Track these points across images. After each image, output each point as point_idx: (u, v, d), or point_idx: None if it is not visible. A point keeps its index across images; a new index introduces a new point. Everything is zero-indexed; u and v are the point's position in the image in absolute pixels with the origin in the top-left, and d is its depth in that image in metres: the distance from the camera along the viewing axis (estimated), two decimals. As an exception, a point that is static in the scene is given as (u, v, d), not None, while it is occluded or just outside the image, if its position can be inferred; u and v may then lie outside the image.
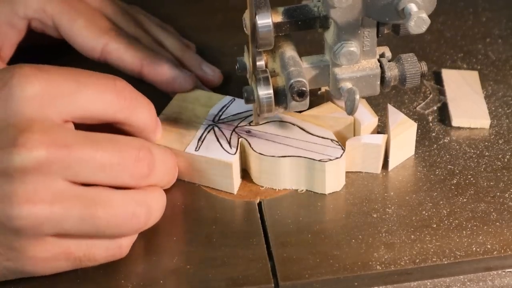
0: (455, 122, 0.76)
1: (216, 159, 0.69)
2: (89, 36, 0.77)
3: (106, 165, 0.61)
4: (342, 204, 0.69)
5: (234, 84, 0.80)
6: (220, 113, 0.73)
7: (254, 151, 0.69)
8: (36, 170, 0.58)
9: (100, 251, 0.62)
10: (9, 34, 0.78)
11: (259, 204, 0.69)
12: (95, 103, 0.62)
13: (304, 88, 0.66)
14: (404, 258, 0.64)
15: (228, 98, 0.75)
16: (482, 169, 0.72)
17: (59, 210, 0.59)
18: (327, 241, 0.66)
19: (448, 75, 0.81)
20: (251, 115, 0.73)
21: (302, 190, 0.70)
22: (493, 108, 0.78)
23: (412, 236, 0.66)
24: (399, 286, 0.64)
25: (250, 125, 0.72)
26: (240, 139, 0.70)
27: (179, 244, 0.66)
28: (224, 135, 0.71)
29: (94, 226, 0.60)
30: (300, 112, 0.72)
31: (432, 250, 0.65)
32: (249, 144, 0.70)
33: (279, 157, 0.68)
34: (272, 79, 0.68)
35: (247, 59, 0.70)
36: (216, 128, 0.71)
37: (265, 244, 0.66)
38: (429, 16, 0.62)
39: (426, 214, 0.68)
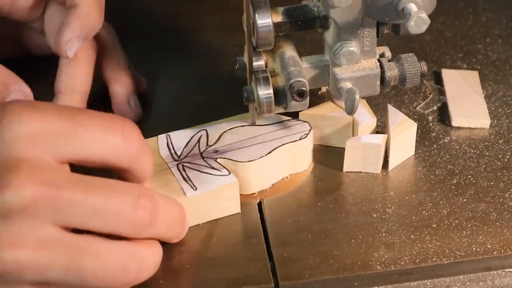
0: (455, 122, 0.76)
1: (222, 186, 0.66)
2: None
3: (100, 210, 0.56)
4: (342, 204, 0.69)
5: (234, 84, 0.80)
6: (173, 151, 0.70)
7: (241, 162, 0.68)
8: (22, 212, 0.54)
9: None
10: None
11: (259, 204, 0.69)
12: (97, 146, 0.57)
13: (304, 88, 0.66)
14: (404, 258, 0.64)
15: (162, 136, 0.71)
16: (482, 169, 0.72)
17: (43, 257, 0.55)
18: (327, 241, 0.66)
19: (448, 75, 0.81)
20: (200, 138, 0.70)
21: (287, 177, 0.70)
22: (493, 108, 0.78)
23: (412, 236, 0.66)
24: (399, 286, 0.64)
25: (209, 145, 0.70)
26: (218, 160, 0.68)
27: (179, 244, 0.66)
28: (200, 164, 0.68)
29: (79, 277, 0.56)
30: (299, 112, 0.72)
31: (432, 250, 0.64)
32: (230, 159, 0.68)
33: (267, 154, 0.68)
34: (272, 79, 0.68)
35: (247, 59, 0.70)
36: (186, 164, 0.68)
37: (265, 244, 0.66)
38: (429, 16, 0.62)
39: (426, 214, 0.68)
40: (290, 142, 0.69)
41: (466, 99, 0.78)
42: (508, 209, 0.68)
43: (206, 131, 0.71)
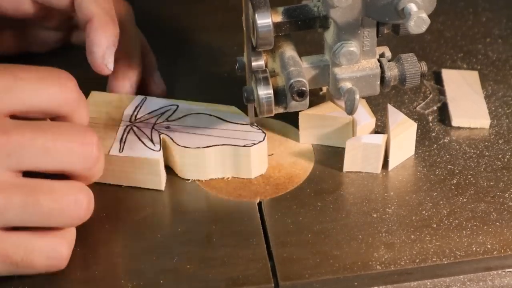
0: (455, 122, 0.76)
1: (142, 157, 0.69)
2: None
3: (51, 149, 0.60)
4: (342, 204, 0.69)
5: (234, 84, 0.80)
6: (136, 113, 0.73)
7: (178, 145, 0.69)
8: None
9: (40, 258, 0.61)
10: None
11: (259, 204, 0.69)
12: (36, 96, 0.61)
13: (304, 88, 0.66)
14: (404, 258, 0.64)
15: (139, 97, 0.74)
16: (482, 169, 0.72)
17: (0, 199, 0.58)
18: (327, 241, 0.66)
19: (448, 75, 0.81)
20: (167, 111, 0.73)
21: (228, 178, 0.70)
22: (493, 108, 0.78)
23: (412, 236, 0.66)
24: (399, 286, 0.64)
25: (168, 120, 0.72)
26: (161, 135, 0.70)
27: (179, 244, 0.66)
28: (145, 133, 0.71)
29: (37, 214, 0.60)
30: (299, 112, 0.72)
31: (432, 250, 0.64)
32: (171, 139, 0.70)
33: (204, 147, 0.69)
34: (272, 79, 0.68)
35: (246, 59, 0.70)
36: (135, 128, 0.71)
37: (265, 244, 0.66)
38: (429, 16, 0.62)
39: (426, 214, 0.68)
40: (232, 145, 0.69)
41: (466, 99, 0.78)
42: (508, 209, 0.68)
43: (178, 106, 0.73)
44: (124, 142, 0.70)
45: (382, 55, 0.70)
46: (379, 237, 0.66)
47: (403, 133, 0.71)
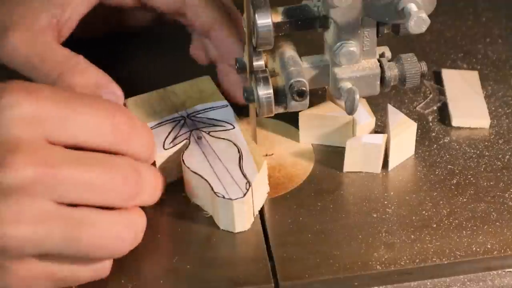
0: (455, 122, 0.76)
1: None
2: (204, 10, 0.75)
3: (94, 185, 0.59)
4: (342, 204, 0.69)
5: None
6: (201, 111, 0.73)
7: (182, 157, 0.69)
8: (22, 190, 0.57)
9: (84, 273, 0.61)
10: (79, 7, 0.74)
11: (259, 204, 0.69)
12: (87, 133, 0.60)
13: (304, 88, 0.66)
14: (404, 258, 0.64)
15: (223, 102, 0.74)
16: (482, 169, 0.72)
17: (42, 230, 0.58)
18: (327, 241, 0.66)
19: (448, 75, 0.81)
20: (223, 126, 0.72)
21: (207, 214, 0.68)
22: (493, 108, 0.78)
23: (412, 236, 0.66)
24: (399, 286, 0.64)
25: (209, 134, 0.71)
26: (184, 141, 0.70)
27: (179, 244, 0.66)
28: (179, 130, 0.71)
29: (77, 247, 0.59)
30: (299, 112, 0.72)
31: (432, 250, 0.64)
32: (185, 148, 0.69)
33: (193, 172, 0.68)
34: (272, 79, 0.68)
35: (247, 59, 0.70)
36: (181, 122, 0.71)
37: (265, 244, 0.66)
38: (429, 16, 0.62)
39: (426, 214, 0.68)
40: (209, 183, 0.66)
41: (466, 99, 0.78)
42: (508, 209, 0.68)
43: (234, 127, 0.72)
44: (159, 126, 0.71)
45: (382, 55, 0.70)
46: (379, 237, 0.66)
47: (403, 133, 0.71)
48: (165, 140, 0.70)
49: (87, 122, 0.60)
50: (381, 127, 0.74)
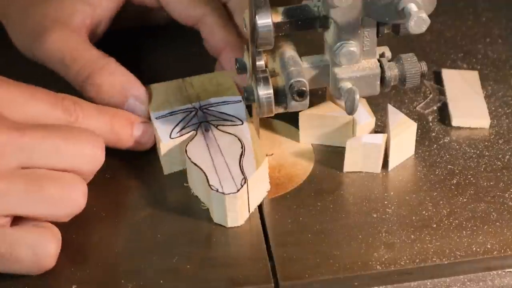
0: (455, 122, 0.76)
1: (157, 134, 0.71)
2: (189, 4, 0.77)
3: (61, 148, 0.64)
4: (342, 204, 0.69)
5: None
6: (214, 105, 0.73)
7: (186, 148, 0.69)
8: None
9: (26, 252, 0.62)
10: (109, 6, 0.78)
11: (259, 204, 0.69)
12: (43, 117, 0.66)
13: (304, 88, 0.66)
14: (404, 258, 0.64)
15: (237, 97, 0.74)
16: (482, 169, 0.72)
17: (3, 185, 0.61)
18: (327, 241, 0.66)
19: (448, 75, 0.81)
20: (232, 121, 0.72)
21: (204, 206, 0.68)
22: (493, 108, 0.78)
23: (412, 236, 0.66)
24: (399, 286, 0.64)
25: (217, 128, 0.71)
26: (191, 132, 0.71)
27: (179, 244, 0.66)
28: (189, 121, 0.71)
29: (39, 199, 0.62)
30: (299, 112, 0.72)
31: (432, 250, 0.64)
32: (190, 140, 0.70)
33: (192, 163, 0.68)
34: (272, 79, 0.68)
35: (247, 59, 0.70)
36: (193, 113, 0.72)
37: (265, 244, 0.66)
38: (429, 16, 0.62)
39: (426, 214, 0.68)
40: (204, 174, 0.67)
41: (466, 99, 0.78)
42: (508, 209, 0.68)
43: (243, 123, 0.72)
44: (171, 115, 0.72)
45: (382, 55, 0.70)
46: (379, 237, 0.66)
47: (403, 133, 0.71)
48: (172, 130, 0.71)
49: (41, 106, 0.66)
50: (381, 127, 0.74)
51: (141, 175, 0.72)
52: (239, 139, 0.70)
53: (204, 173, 0.67)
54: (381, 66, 0.69)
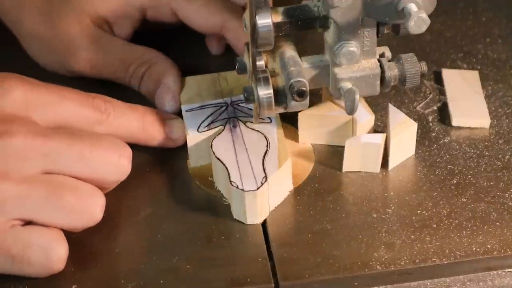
0: (455, 122, 0.76)
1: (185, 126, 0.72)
2: (208, 14, 0.78)
3: (87, 156, 0.63)
4: (342, 204, 0.69)
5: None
6: (239, 101, 0.74)
7: (211, 142, 0.70)
8: (12, 156, 0.61)
9: (37, 254, 0.62)
10: (125, 25, 0.80)
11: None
12: (74, 116, 0.66)
13: (304, 88, 0.66)
14: (404, 258, 0.64)
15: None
16: (482, 169, 0.72)
17: (24, 189, 0.61)
18: (327, 241, 0.66)
19: (448, 74, 0.81)
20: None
21: (226, 201, 0.69)
22: (493, 108, 0.78)
23: (412, 236, 0.66)
24: (399, 286, 0.64)
25: (245, 124, 0.72)
26: (219, 127, 0.71)
27: (179, 244, 0.66)
28: (218, 116, 0.72)
29: (57, 208, 0.62)
30: (298, 112, 0.72)
31: (432, 250, 0.64)
32: (216, 136, 0.70)
33: (216, 157, 0.69)
34: (272, 79, 0.68)
35: (247, 59, 0.70)
36: (223, 108, 0.72)
37: (265, 244, 0.66)
38: (429, 16, 0.62)
39: (426, 214, 0.68)
40: (228, 172, 0.67)
41: (466, 99, 0.78)
42: (508, 209, 0.68)
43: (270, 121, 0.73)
44: (201, 108, 0.73)
45: (382, 55, 0.70)
46: (379, 237, 0.66)
47: (403, 132, 0.71)
48: (201, 123, 0.71)
49: (71, 106, 0.66)
50: (381, 127, 0.74)
51: (142, 174, 0.72)
52: (265, 137, 0.70)
53: (227, 168, 0.67)
54: (381, 66, 0.69)
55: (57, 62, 0.79)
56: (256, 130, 0.71)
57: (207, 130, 0.71)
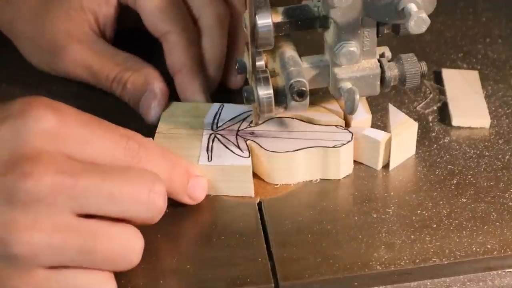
0: (455, 122, 0.76)
1: (234, 165, 0.68)
2: (158, 18, 0.77)
3: (116, 196, 0.59)
4: (342, 204, 0.69)
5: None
6: (216, 121, 0.72)
7: (267, 150, 0.69)
8: (41, 199, 0.57)
9: None
10: (107, 11, 0.80)
11: (259, 204, 0.69)
12: (103, 156, 0.61)
13: (304, 88, 0.66)
14: (404, 258, 0.64)
15: (216, 105, 0.74)
16: (482, 169, 0.72)
17: (57, 240, 0.58)
18: (327, 241, 0.66)
19: (448, 74, 0.81)
20: (247, 116, 0.72)
21: (317, 180, 0.70)
22: (493, 108, 0.78)
23: (412, 236, 0.66)
24: (399, 286, 0.64)
25: (250, 126, 0.72)
26: (248, 142, 0.70)
27: (179, 244, 0.66)
28: (230, 141, 0.70)
29: (91, 259, 0.59)
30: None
31: (432, 250, 0.64)
32: (259, 144, 0.69)
33: (293, 151, 0.68)
34: (272, 79, 0.68)
35: (247, 59, 0.70)
36: (219, 136, 0.71)
37: (265, 244, 0.66)
38: (429, 16, 0.62)
39: (426, 214, 0.68)
40: (321, 146, 0.69)
41: (466, 99, 0.78)
42: (508, 209, 0.68)
43: None
44: (211, 151, 0.69)
45: (382, 55, 0.70)
46: (379, 237, 0.66)
47: (404, 132, 0.71)
48: (234, 153, 0.69)
49: (102, 144, 0.61)
50: (381, 127, 0.74)
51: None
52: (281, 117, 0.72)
53: (317, 146, 0.69)
54: (381, 66, 0.69)
55: (44, 61, 0.80)
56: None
57: (248, 154, 0.69)
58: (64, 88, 0.81)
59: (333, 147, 0.69)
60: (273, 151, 0.69)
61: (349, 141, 0.69)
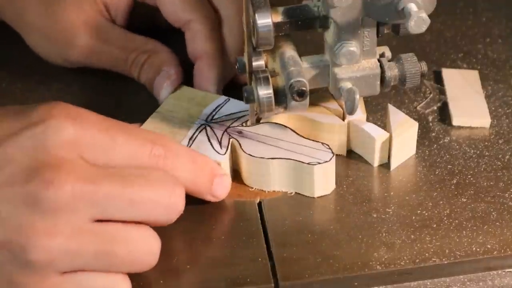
0: (455, 122, 0.76)
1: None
2: (180, 8, 0.77)
3: (137, 201, 0.59)
4: (342, 204, 0.69)
5: (234, 84, 0.80)
6: (214, 113, 0.73)
7: (244, 152, 0.69)
8: (61, 207, 0.57)
9: None
10: (118, 2, 0.80)
11: (259, 204, 0.69)
12: (127, 162, 0.61)
13: (304, 88, 0.66)
14: (404, 258, 0.64)
15: (223, 98, 0.74)
16: (482, 169, 0.72)
17: (75, 244, 0.58)
18: (327, 241, 0.66)
19: (448, 74, 0.81)
20: (244, 115, 0.72)
21: (292, 193, 0.69)
22: (493, 108, 0.78)
23: (412, 236, 0.66)
24: (399, 286, 0.64)
25: (243, 125, 0.72)
26: (231, 140, 0.70)
27: (179, 244, 0.66)
28: (216, 135, 0.70)
29: (108, 263, 0.59)
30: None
31: (432, 250, 0.65)
32: (240, 144, 0.69)
33: (268, 158, 0.68)
34: (272, 79, 0.68)
35: (246, 59, 0.70)
36: (208, 128, 0.71)
37: (265, 244, 0.66)
38: (429, 16, 0.62)
39: (426, 214, 0.68)
40: (296, 160, 0.68)
41: (466, 99, 0.78)
42: (508, 209, 0.68)
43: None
44: (193, 141, 0.70)
45: (382, 55, 0.70)
46: (379, 237, 0.66)
47: (405, 133, 0.71)
48: (213, 147, 0.69)
49: (125, 151, 0.61)
50: (381, 127, 0.74)
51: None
52: (275, 123, 0.71)
53: (293, 159, 0.68)
54: (381, 66, 0.69)
55: (56, 52, 0.79)
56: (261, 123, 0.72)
57: (226, 150, 0.69)
58: (64, 88, 0.81)
59: (308, 163, 0.67)
60: (249, 154, 0.69)
61: (326, 161, 0.67)
